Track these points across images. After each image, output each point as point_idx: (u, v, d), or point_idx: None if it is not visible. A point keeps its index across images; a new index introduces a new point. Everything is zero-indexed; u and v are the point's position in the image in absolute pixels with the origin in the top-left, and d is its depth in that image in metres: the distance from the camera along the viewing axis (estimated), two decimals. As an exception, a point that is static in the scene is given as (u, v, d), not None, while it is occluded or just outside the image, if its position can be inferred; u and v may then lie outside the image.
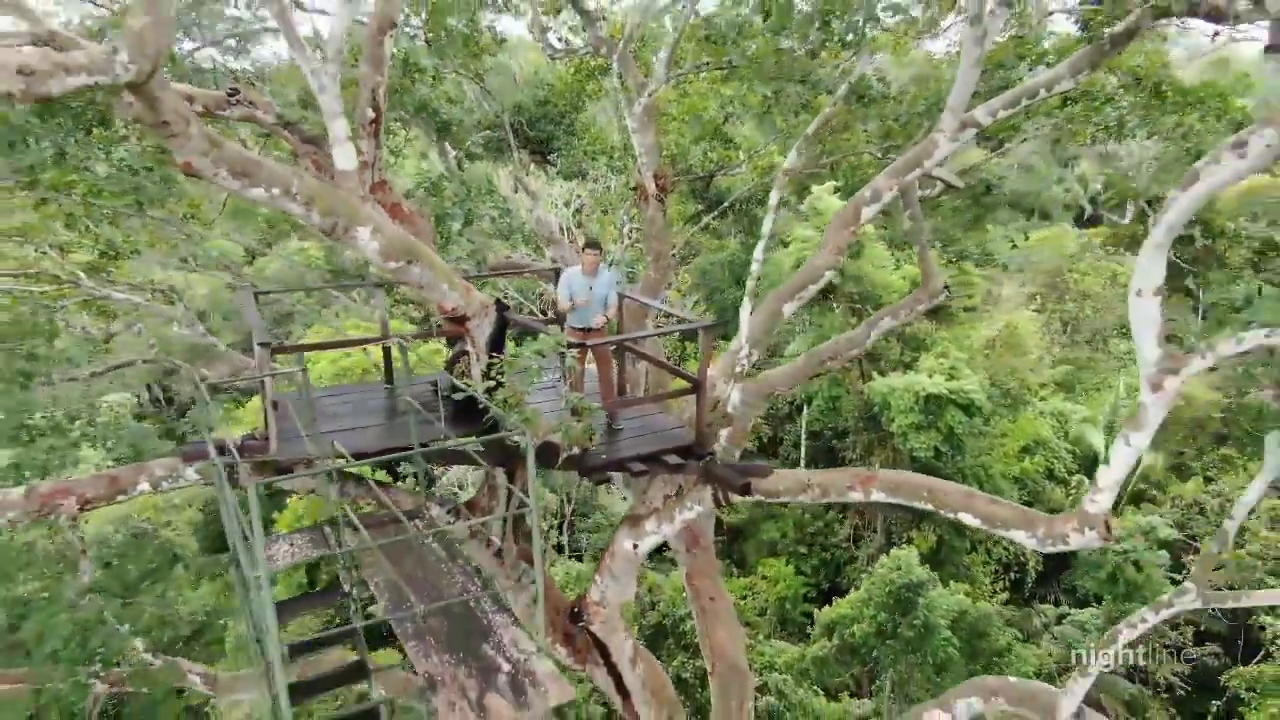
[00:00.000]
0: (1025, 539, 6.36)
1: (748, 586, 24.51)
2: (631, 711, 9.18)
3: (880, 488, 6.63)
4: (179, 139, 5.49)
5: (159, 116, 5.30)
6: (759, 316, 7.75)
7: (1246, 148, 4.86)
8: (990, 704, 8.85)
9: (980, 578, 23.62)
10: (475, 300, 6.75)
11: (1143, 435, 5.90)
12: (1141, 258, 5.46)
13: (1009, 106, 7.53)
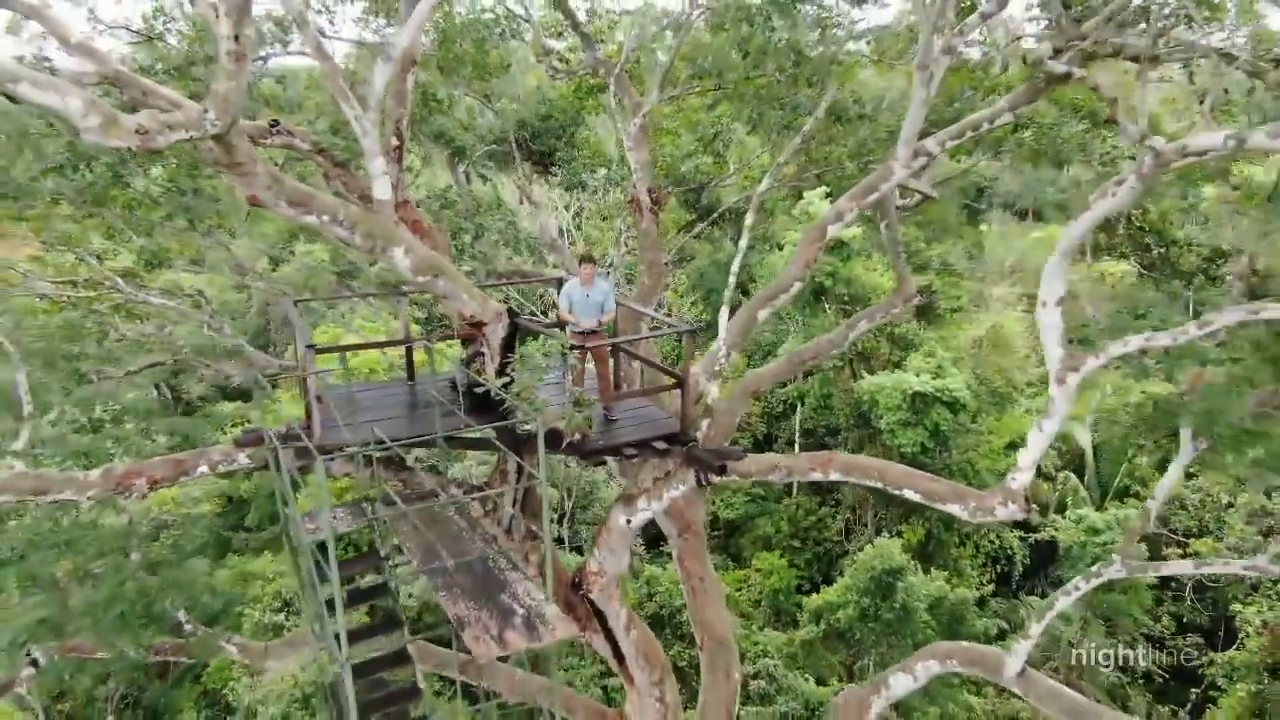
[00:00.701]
0: (959, 511, 7.63)
1: (742, 579, 25.79)
2: (627, 673, 10.46)
3: (836, 468, 7.91)
4: (248, 176, 6.77)
5: (234, 159, 6.58)
6: (736, 321, 9.02)
7: (1121, 186, 6.15)
8: (946, 665, 10.14)
9: (968, 570, 24.90)
10: (490, 308, 8.02)
11: (1053, 422, 7.17)
12: (1045, 275, 6.74)
13: (956, 138, 8.79)
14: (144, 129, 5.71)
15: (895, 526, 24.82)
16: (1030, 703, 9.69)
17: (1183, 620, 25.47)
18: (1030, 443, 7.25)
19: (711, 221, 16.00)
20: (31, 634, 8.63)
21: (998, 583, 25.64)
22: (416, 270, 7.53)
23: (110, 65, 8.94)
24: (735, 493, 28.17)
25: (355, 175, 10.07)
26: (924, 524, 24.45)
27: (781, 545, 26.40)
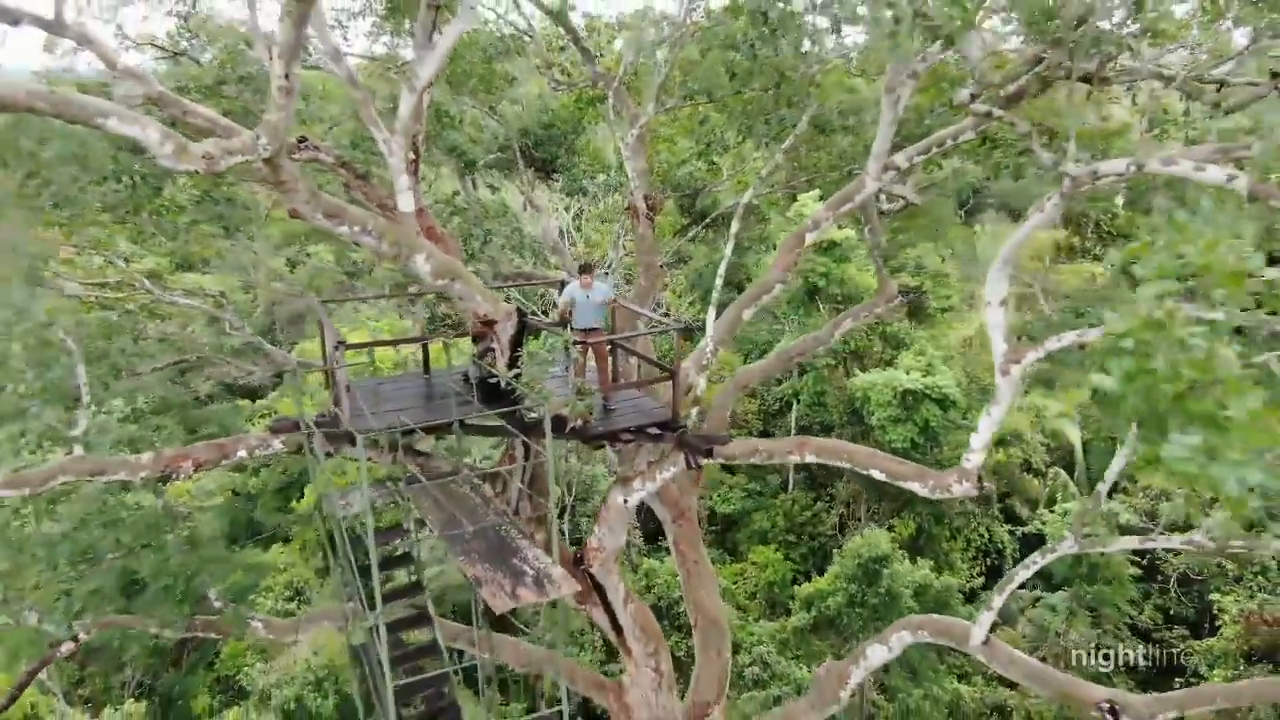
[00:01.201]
0: (919, 489, 8.67)
1: (738, 573, 26.86)
2: (624, 645, 11.52)
3: (810, 451, 8.98)
4: (291, 193, 7.84)
5: (280, 178, 7.65)
6: (723, 320, 10.09)
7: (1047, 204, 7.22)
8: (917, 635, 11.20)
9: (959, 563, 25.96)
10: (501, 308, 9.09)
11: (1000, 409, 8.22)
12: (989, 276, 7.79)
13: (922, 153, 9.83)
14: (209, 155, 6.78)
15: (887, 520, 25.88)
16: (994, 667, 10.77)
17: (1169, 613, 26.55)
18: (980, 427, 8.31)
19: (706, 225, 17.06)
20: (86, 602, 9.67)
21: (987, 575, 26.69)
22: (436, 274, 8.60)
23: (154, 87, 10.04)
24: (732, 488, 29.27)
25: (374, 186, 11.15)
26: (915, 518, 25.50)
27: (777, 539, 27.46)
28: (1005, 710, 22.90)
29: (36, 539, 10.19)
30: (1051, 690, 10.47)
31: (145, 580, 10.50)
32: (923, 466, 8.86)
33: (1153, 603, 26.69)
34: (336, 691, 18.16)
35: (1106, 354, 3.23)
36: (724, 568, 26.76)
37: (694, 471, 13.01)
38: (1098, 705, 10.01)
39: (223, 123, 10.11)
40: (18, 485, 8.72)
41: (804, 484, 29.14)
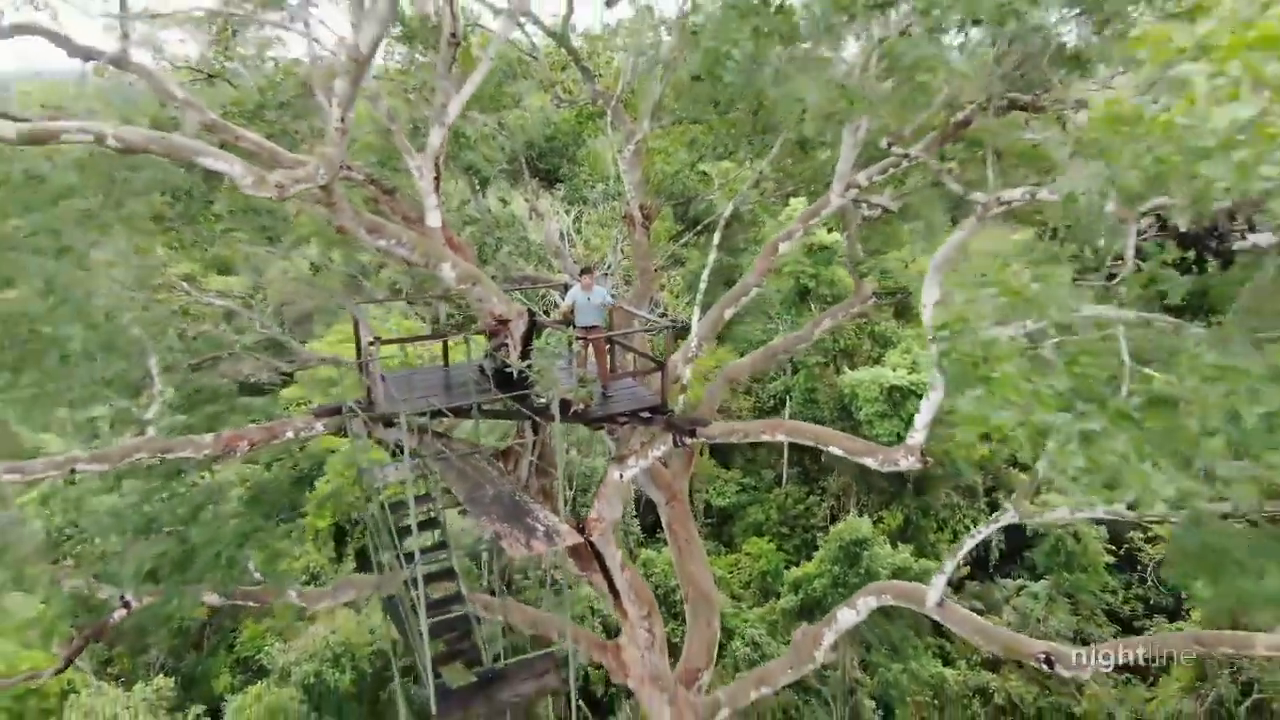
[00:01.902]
0: (871, 462, 10.40)
1: (733, 563, 28.59)
2: (621, 608, 13.24)
3: (782, 431, 10.72)
4: (340, 211, 9.59)
5: (331, 200, 9.39)
6: (707, 320, 11.83)
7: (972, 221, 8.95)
8: (881, 599, 12.94)
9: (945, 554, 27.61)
10: (514, 308, 10.82)
11: (937, 394, 9.95)
12: (924, 285, 9.52)
13: (880, 174, 11.56)
14: (281, 184, 8.53)
15: (877, 512, 27.60)
16: (948, 625, 12.49)
17: (1149, 602, 28.27)
18: (922, 410, 10.04)
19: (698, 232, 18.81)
20: (155, 562, 11.39)
21: (974, 567, 28.40)
22: (459, 280, 10.34)
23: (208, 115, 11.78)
24: (727, 483, 31.02)
25: (398, 200, 12.87)
26: (902, 510, 27.23)
27: (771, 532, 29.19)
28: (987, 692, 24.59)
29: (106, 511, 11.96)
30: (998, 645, 12.18)
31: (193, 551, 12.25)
32: (875, 445, 10.60)
33: (1134, 593, 28.38)
34: (353, 667, 19.88)
35: (935, 340, 4.98)
36: (719, 559, 28.49)
37: (685, 456, 14.80)
38: (1036, 656, 11.74)
39: (268, 146, 11.81)
40: (101, 461, 10.44)
41: (797, 479, 30.88)
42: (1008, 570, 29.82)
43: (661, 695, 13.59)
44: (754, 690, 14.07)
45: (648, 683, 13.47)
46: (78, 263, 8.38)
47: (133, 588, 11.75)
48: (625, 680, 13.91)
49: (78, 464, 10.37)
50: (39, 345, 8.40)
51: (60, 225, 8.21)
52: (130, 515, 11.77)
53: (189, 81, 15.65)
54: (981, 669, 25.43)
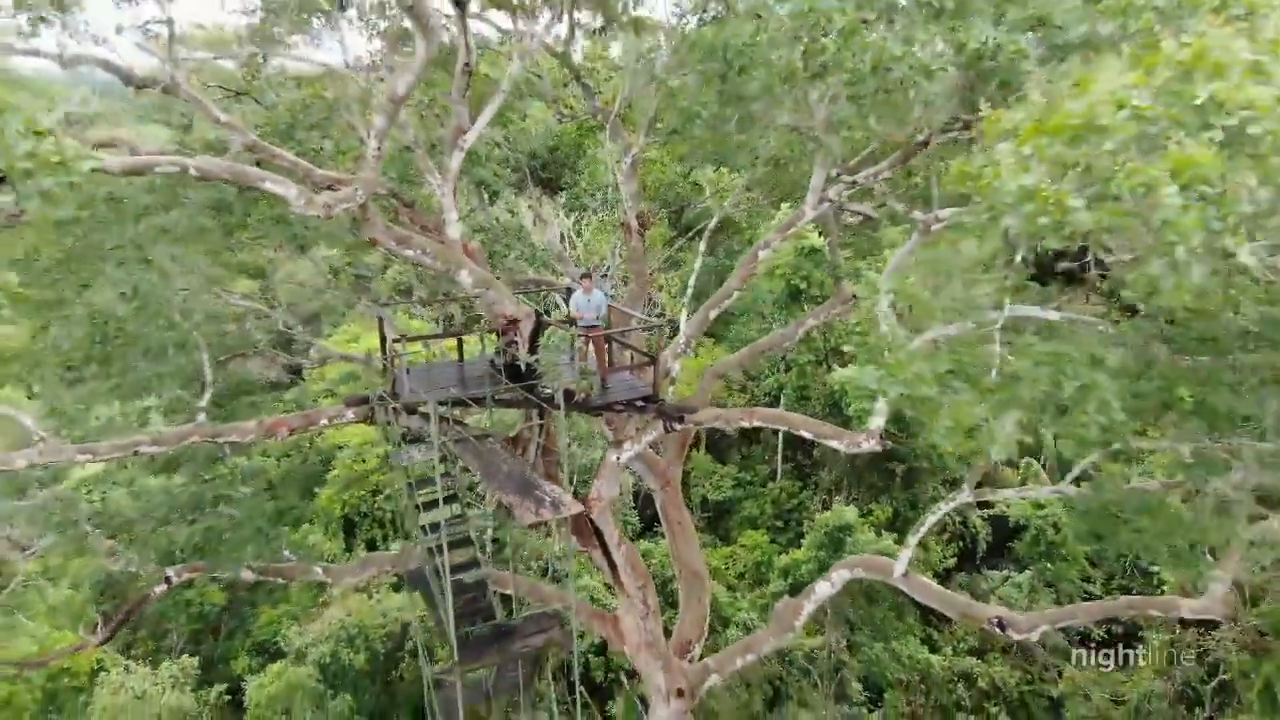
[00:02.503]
0: (838, 444, 12.08)
1: (728, 555, 30.26)
2: (619, 580, 14.95)
3: (758, 418, 12.42)
4: (371, 225, 11.30)
5: (366, 216, 11.11)
6: (694, 320, 13.54)
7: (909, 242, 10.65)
8: (854, 572, 14.64)
9: (933, 546, 29.35)
10: (523, 309, 12.53)
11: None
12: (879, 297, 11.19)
13: (849, 188, 13.26)
14: (328, 204, 10.26)
15: (866, 505, 29.31)
16: (910, 593, 14.18)
17: (1130, 591, 29.95)
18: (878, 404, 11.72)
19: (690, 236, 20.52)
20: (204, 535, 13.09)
21: (961, 558, 30.10)
22: (475, 285, 12.05)
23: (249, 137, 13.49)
24: (723, 477, 32.73)
25: (418, 211, 14.59)
26: (891, 503, 28.95)
27: (765, 525, 30.89)
28: (971, 676, 26.28)
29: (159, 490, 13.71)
30: (956, 610, 13.91)
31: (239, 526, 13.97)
32: (841, 429, 12.29)
33: (1116, 583, 30.06)
34: (367, 648, 21.59)
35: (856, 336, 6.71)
36: (715, 551, 30.17)
37: (677, 445, 16.51)
38: (989, 620, 13.47)
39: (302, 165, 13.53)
40: (161, 443, 12.15)
41: (791, 474, 32.59)
42: (995, 563, 31.51)
43: (656, 661, 15.29)
44: (740, 658, 15.77)
45: (643, 649, 15.17)
46: (157, 271, 10.07)
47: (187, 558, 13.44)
48: (623, 648, 15.62)
49: (140, 446, 12.10)
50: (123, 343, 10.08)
51: (142, 240, 9.90)
52: (180, 494, 13.51)
53: (220, 100, 17.41)
54: (966, 655, 27.16)
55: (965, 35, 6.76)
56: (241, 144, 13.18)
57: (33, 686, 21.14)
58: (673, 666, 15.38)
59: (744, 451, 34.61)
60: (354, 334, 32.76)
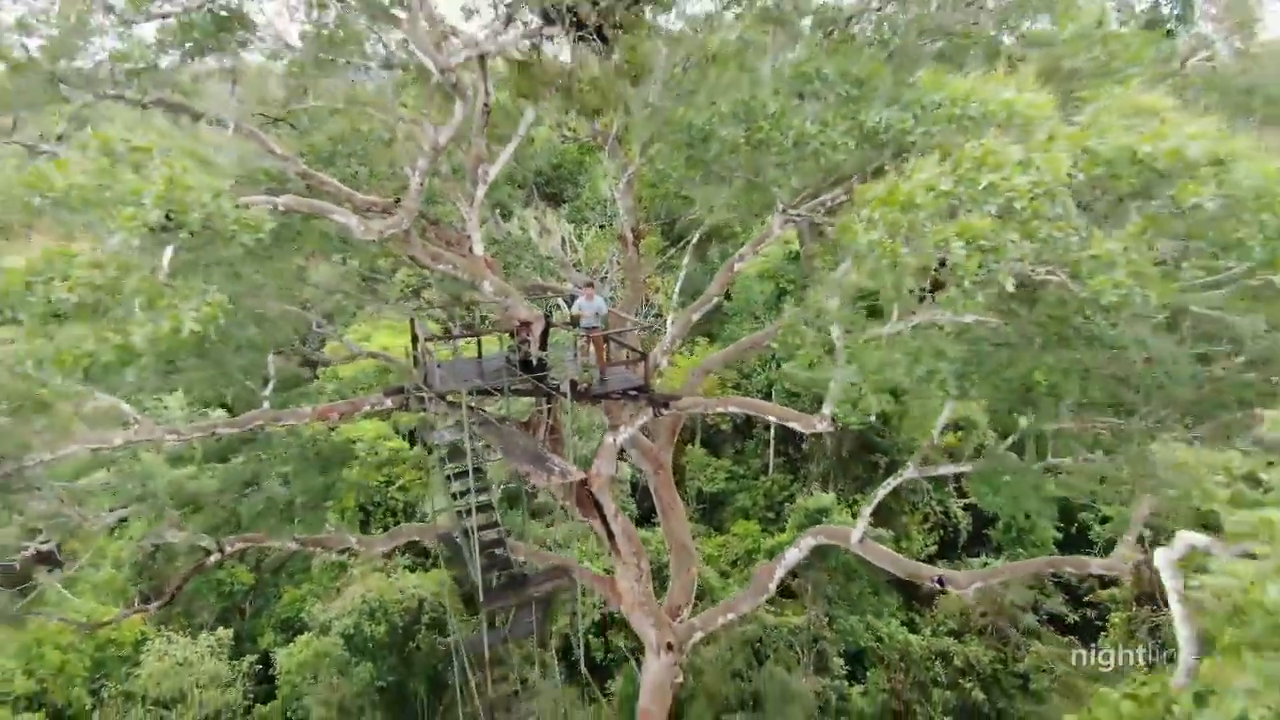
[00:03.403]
0: (798, 426, 15.11)
1: (721, 544, 33.33)
2: (616, 548, 17.99)
3: (732, 405, 15.48)
4: (411, 245, 14.37)
5: (408, 238, 14.17)
6: (679, 322, 16.60)
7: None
8: (818, 538, 17.69)
9: (915, 534, 32.41)
10: (534, 314, 15.59)
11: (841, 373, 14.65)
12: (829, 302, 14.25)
13: (812, 211, 16.28)
14: (380, 230, 13.31)
15: (851, 496, 32.36)
16: (865, 557, 17.22)
17: (1102, 579, 32.99)
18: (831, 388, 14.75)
19: (681, 246, 23.58)
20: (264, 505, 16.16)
21: (942, 546, 33.15)
22: (495, 293, 15.10)
23: (300, 166, 16.54)
24: (718, 470, 35.80)
25: (443, 228, 17.62)
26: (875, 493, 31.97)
27: (757, 515, 33.97)
28: (948, 655, 29.31)
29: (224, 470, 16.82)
30: (904, 570, 16.95)
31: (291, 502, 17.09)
32: (801, 413, 15.34)
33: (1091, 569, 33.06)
34: (386, 620, 24.65)
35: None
36: (709, 540, 33.26)
37: (667, 433, 19.56)
38: (932, 579, 16.50)
39: (345, 190, 16.57)
40: (234, 426, 15.22)
41: (782, 467, 35.67)
42: (976, 550, 34.56)
43: (648, 619, 18.36)
44: (722, 617, 18.85)
45: (637, 608, 18.24)
46: (245, 284, 13.13)
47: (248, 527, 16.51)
48: (620, 607, 18.69)
49: (217, 428, 15.19)
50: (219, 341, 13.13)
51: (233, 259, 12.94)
52: (242, 471, 16.62)
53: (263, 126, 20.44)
54: (945, 636, 30.21)
55: (864, 117, 9.78)
56: (295, 172, 16.26)
57: (83, 655, 24.24)
58: (663, 623, 18.45)
59: (738, 446, 37.68)
60: (365, 333, 35.90)
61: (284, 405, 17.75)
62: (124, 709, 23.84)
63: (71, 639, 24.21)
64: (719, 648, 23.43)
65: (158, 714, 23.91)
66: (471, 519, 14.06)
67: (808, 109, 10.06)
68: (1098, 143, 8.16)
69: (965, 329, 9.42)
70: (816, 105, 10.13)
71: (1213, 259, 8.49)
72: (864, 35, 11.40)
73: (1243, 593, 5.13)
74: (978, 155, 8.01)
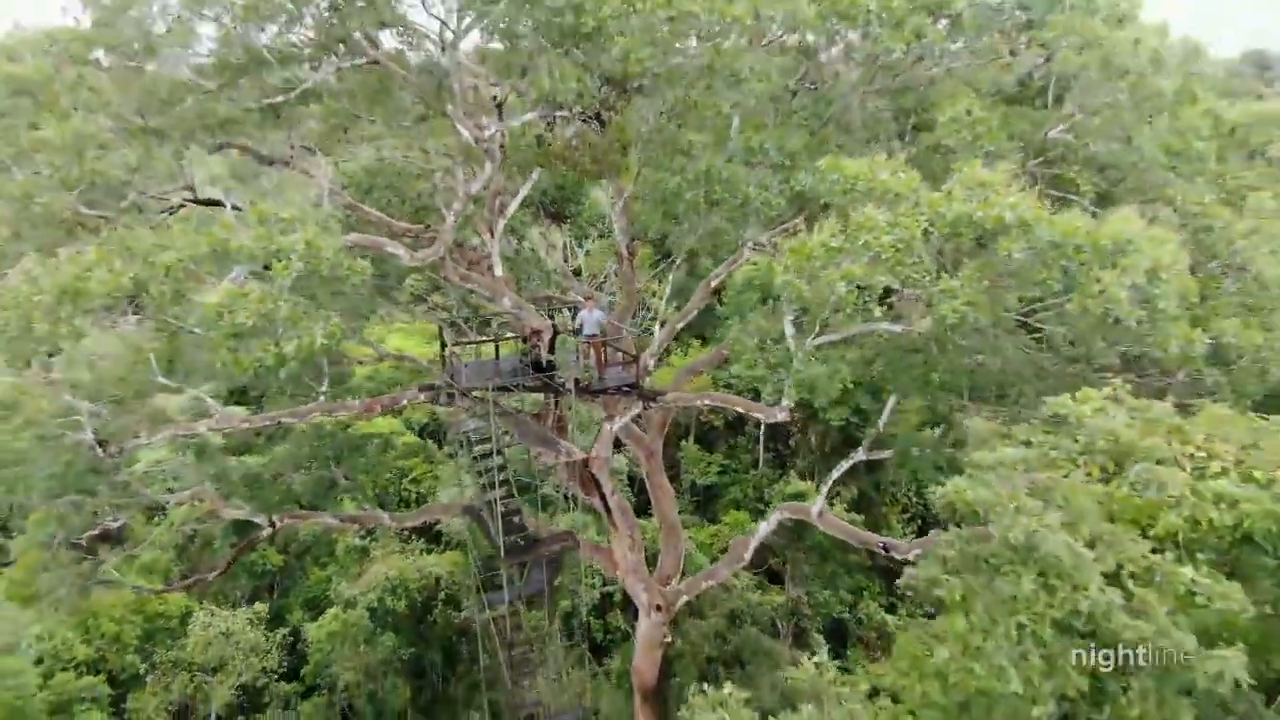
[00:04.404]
0: (761, 415, 19.33)
1: (714, 533, 37.59)
2: (612, 520, 22.28)
3: (707, 399, 19.76)
4: (444, 268, 18.68)
5: (443, 262, 18.47)
6: (665, 330, 20.89)
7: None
8: (784, 514, 21.97)
9: (894, 523, 36.66)
10: (544, 323, 19.88)
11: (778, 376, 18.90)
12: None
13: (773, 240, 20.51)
14: (423, 258, 17.60)
15: (835, 488, 36.60)
16: (825, 529, 21.48)
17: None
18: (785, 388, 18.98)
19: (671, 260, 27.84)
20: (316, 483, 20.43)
21: (918, 533, 37.38)
22: (512, 307, 19.37)
23: (347, 199, 20.83)
24: (710, 464, 40.07)
25: (465, 249, 21.89)
26: (857, 485, 36.24)
27: (748, 506, 38.22)
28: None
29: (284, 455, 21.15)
30: (857, 539, 21.20)
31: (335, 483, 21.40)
32: (759, 404, 19.57)
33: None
34: (406, 596, 28.95)
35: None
36: (701, 529, 37.49)
37: (657, 426, 23.85)
38: (878, 545, 20.74)
39: (384, 219, 20.88)
40: (296, 416, 19.46)
41: (771, 461, 39.94)
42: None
43: (640, 583, 22.63)
44: (704, 582, 23.12)
45: (630, 573, 22.52)
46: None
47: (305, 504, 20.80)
48: (615, 574, 22.97)
49: (283, 418, 19.50)
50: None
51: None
52: (301, 455, 20.94)
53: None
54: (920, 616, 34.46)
55: (793, 182, 13.97)
56: (343, 205, 20.55)
57: (135, 626, 28.57)
58: (653, 587, 22.73)
59: (730, 442, 41.89)
60: (379, 335, 40.24)
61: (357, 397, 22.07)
62: (172, 674, 28.16)
63: (124, 612, 28.56)
64: (706, 624, 27.69)
65: (201, 680, 28.24)
66: (495, 491, 18.31)
67: (753, 175, 14.31)
68: (945, 209, 12.41)
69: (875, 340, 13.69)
70: (760, 172, 14.38)
71: (1033, 290, 12.73)
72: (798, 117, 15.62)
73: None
74: (859, 220, 12.28)
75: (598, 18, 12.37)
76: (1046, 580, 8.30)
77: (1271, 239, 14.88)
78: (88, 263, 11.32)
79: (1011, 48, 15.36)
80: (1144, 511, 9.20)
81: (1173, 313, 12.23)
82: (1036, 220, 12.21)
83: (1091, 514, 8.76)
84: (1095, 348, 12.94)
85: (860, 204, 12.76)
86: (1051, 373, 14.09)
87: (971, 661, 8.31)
